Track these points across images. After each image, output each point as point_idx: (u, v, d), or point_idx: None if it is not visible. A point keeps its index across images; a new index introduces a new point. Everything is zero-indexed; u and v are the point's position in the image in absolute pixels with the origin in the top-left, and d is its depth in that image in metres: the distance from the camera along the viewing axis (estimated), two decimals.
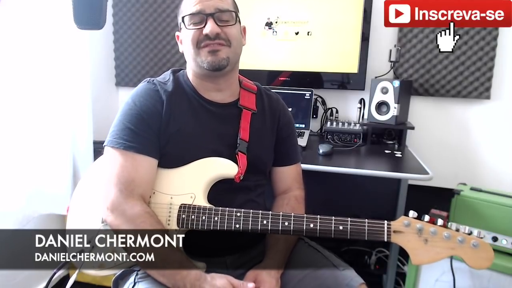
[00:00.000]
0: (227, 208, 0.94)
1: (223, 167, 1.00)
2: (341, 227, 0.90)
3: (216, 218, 0.94)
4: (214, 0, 0.99)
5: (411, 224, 0.88)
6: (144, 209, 0.93)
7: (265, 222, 0.92)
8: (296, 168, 1.18)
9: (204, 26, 0.98)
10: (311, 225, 0.91)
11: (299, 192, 1.16)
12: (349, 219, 0.90)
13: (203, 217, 0.95)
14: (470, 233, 0.88)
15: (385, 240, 0.88)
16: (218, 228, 0.94)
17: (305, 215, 0.92)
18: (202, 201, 0.97)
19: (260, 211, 0.93)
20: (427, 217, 0.89)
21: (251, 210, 0.93)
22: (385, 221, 0.89)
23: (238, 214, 0.93)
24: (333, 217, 0.91)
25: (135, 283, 0.96)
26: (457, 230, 0.88)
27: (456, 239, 0.86)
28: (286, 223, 0.92)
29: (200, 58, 1.00)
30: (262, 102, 1.13)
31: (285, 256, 1.02)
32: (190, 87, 1.06)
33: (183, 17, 1.01)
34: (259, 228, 0.93)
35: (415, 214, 0.90)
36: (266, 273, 0.96)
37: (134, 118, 0.98)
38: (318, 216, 0.91)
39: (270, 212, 0.93)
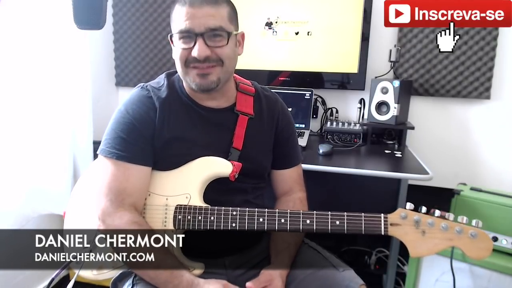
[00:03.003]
0: (223, 208, 0.94)
1: (217, 166, 0.99)
2: (337, 222, 0.90)
3: (212, 218, 0.94)
4: (206, 18, 0.92)
5: (408, 216, 0.88)
6: (132, 218, 0.92)
7: (261, 220, 0.92)
8: (297, 170, 1.16)
9: (193, 46, 0.94)
10: (308, 221, 0.91)
11: (302, 194, 1.14)
12: (345, 213, 0.90)
13: (199, 217, 0.94)
14: (468, 224, 0.87)
15: (382, 233, 0.88)
16: (215, 227, 0.93)
17: (301, 211, 0.92)
18: (197, 201, 0.97)
19: (256, 209, 0.93)
20: (424, 209, 0.88)
21: (247, 208, 0.93)
22: (382, 214, 0.89)
23: (234, 212, 0.93)
24: (330, 212, 0.91)
25: (133, 285, 0.96)
26: (455, 220, 0.87)
27: (454, 229, 0.85)
28: (283, 220, 0.91)
29: (188, 77, 0.98)
30: (260, 105, 1.10)
31: (292, 260, 1.02)
32: (184, 93, 1.04)
33: (171, 36, 0.98)
34: (255, 226, 0.92)
35: (412, 206, 0.89)
36: (279, 276, 0.96)
37: (126, 127, 0.97)
38: (314, 212, 0.91)
39: (266, 210, 0.92)
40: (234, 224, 0.92)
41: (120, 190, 0.94)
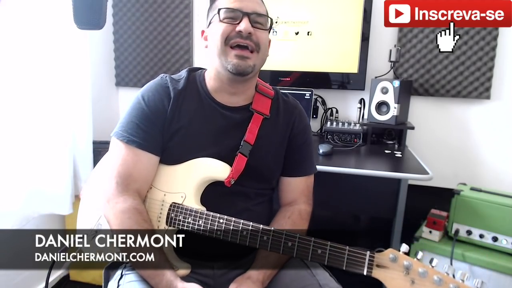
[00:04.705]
0: (211, 213, 0.93)
1: (213, 169, 0.98)
2: (319, 251, 0.83)
3: (200, 222, 0.93)
4: (253, 3, 0.98)
5: (398, 259, 0.78)
6: (134, 205, 0.93)
7: (244, 233, 0.89)
8: (306, 181, 1.11)
9: (239, 23, 0.96)
10: (289, 244, 0.86)
11: (305, 207, 1.08)
12: (329, 243, 0.83)
13: (189, 219, 0.94)
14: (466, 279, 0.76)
15: (365, 273, 0.79)
16: (201, 232, 0.93)
17: (284, 231, 0.88)
18: (192, 202, 0.97)
19: (242, 221, 0.90)
20: (420, 254, 0.79)
21: (233, 219, 0.91)
22: (368, 252, 0.80)
23: (221, 220, 0.91)
24: (313, 238, 0.85)
25: (121, 276, 0.96)
26: (453, 275, 0.76)
27: (448, 286, 0.74)
28: (265, 238, 0.88)
29: (226, 58, 0.97)
30: (277, 107, 1.08)
31: (273, 271, 0.98)
32: (203, 87, 1.05)
33: (219, 9, 0.98)
34: (238, 239, 0.90)
35: (407, 249, 0.80)
36: (247, 279, 0.93)
37: (140, 114, 0.99)
38: (297, 235, 0.86)
39: (251, 224, 0.90)
40: (219, 232, 0.91)
41: (127, 175, 0.96)
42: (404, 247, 0.80)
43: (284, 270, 0.99)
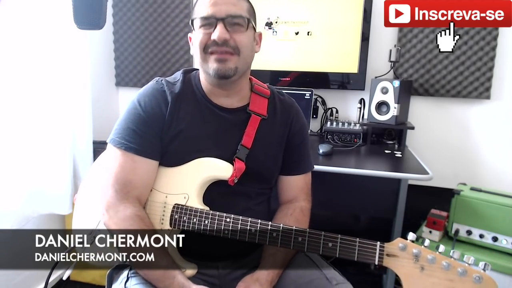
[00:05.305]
0: (217, 212, 0.93)
1: (217, 168, 0.98)
2: (330, 244, 0.85)
3: (206, 222, 0.93)
4: (227, 5, 0.95)
5: (407, 247, 0.80)
6: (135, 212, 0.93)
7: (253, 230, 0.90)
8: (304, 179, 1.12)
9: (214, 31, 0.95)
10: (300, 239, 0.87)
11: (305, 204, 1.10)
12: (339, 236, 0.85)
13: (194, 219, 0.94)
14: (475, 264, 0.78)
15: (376, 263, 0.81)
16: (208, 231, 0.93)
17: (294, 227, 0.89)
18: (195, 202, 0.96)
19: (250, 219, 0.91)
20: (427, 242, 0.81)
21: (241, 217, 0.91)
22: (378, 242, 0.82)
23: (228, 219, 0.92)
24: (323, 232, 0.86)
25: (128, 278, 0.96)
26: (460, 259, 0.79)
27: (457, 270, 0.77)
28: (274, 234, 0.89)
29: (207, 64, 0.97)
30: (274, 108, 1.08)
31: (281, 269, 0.99)
32: (199, 89, 1.04)
33: (192, 20, 0.99)
34: (246, 236, 0.90)
35: (414, 237, 0.82)
36: (255, 281, 0.93)
37: (137, 119, 0.98)
38: (307, 230, 0.87)
39: (259, 221, 0.90)
40: (226, 231, 0.91)
41: (126, 182, 0.95)
42: (412, 236, 0.82)
43: (290, 269, 1.00)
